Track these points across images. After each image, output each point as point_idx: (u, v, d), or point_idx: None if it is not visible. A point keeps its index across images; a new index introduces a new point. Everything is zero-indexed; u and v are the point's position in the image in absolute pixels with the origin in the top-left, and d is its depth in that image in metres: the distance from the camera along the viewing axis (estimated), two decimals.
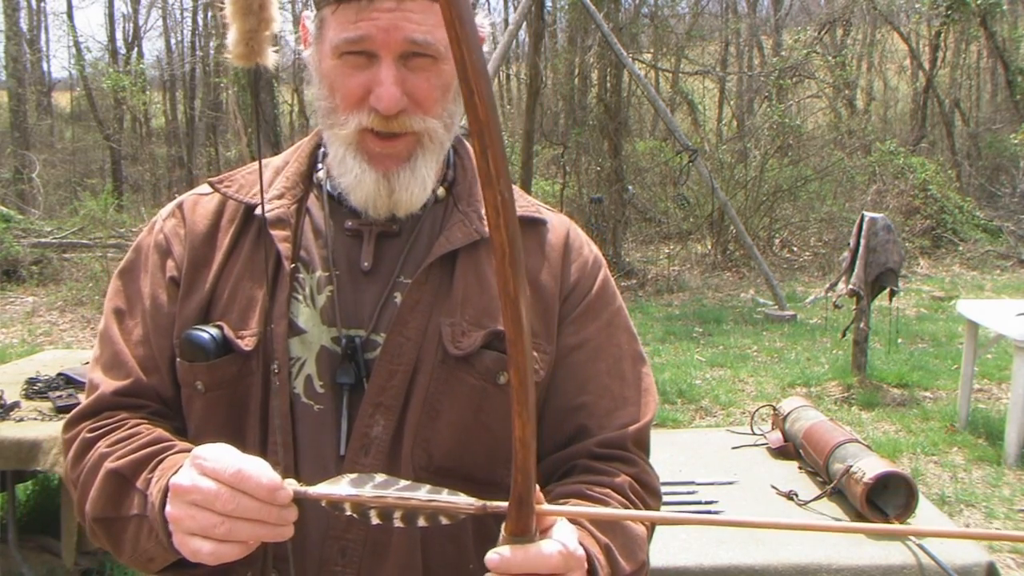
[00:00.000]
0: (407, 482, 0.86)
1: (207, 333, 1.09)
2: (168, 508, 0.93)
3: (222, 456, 0.91)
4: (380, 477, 0.86)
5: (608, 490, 1.10)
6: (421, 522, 0.84)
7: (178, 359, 1.12)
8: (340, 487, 0.85)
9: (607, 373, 1.18)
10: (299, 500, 0.88)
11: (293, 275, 1.12)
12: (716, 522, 0.73)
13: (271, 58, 0.79)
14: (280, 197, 1.15)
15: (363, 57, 1.05)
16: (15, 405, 3.21)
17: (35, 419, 3.11)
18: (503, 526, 0.83)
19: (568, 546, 0.86)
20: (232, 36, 0.79)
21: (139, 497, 1.02)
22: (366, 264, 1.13)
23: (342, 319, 1.11)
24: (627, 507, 1.11)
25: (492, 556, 0.82)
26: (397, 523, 0.84)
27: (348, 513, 0.85)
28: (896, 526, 1.58)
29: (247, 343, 1.09)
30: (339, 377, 1.09)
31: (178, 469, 0.95)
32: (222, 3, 0.84)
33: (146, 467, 1.03)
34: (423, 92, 1.07)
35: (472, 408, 1.10)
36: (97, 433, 1.10)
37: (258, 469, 0.89)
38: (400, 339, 1.09)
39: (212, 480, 0.89)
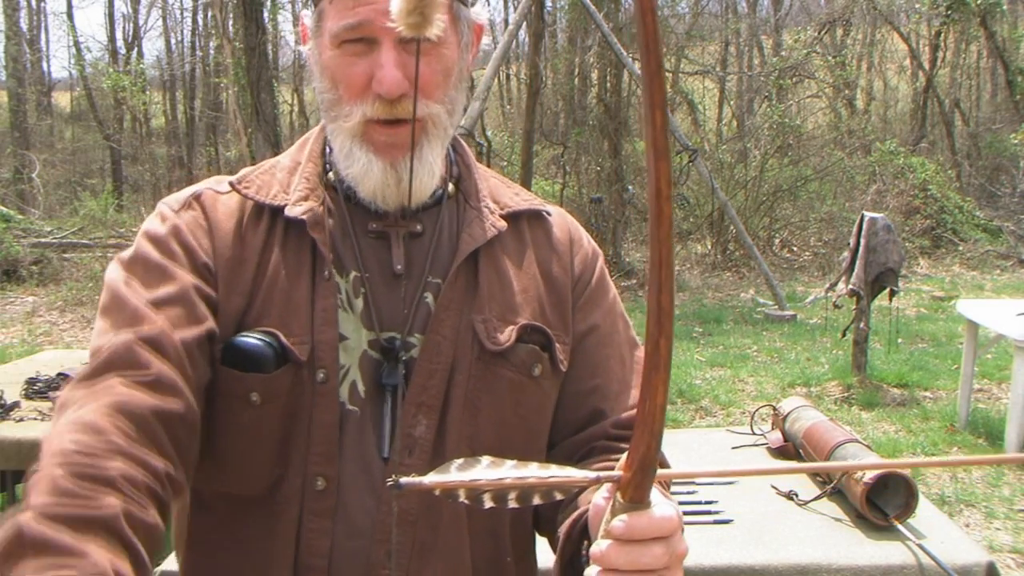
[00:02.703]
0: (512, 461, 0.84)
1: (262, 341, 1.03)
2: None
3: None
4: (486, 459, 0.84)
5: None
6: (536, 500, 0.82)
7: (225, 367, 1.03)
8: (451, 475, 0.82)
9: (612, 357, 1.20)
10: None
11: (332, 280, 1.09)
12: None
13: (438, 27, 0.76)
14: (306, 199, 1.11)
15: (362, 44, 1.04)
16: (15, 405, 3.21)
17: (35, 419, 3.10)
18: (618, 494, 0.81)
19: (677, 508, 0.86)
20: (402, 4, 0.74)
21: None
22: (399, 267, 1.11)
23: (378, 322, 1.10)
24: None
25: (617, 524, 0.80)
26: (512, 504, 0.82)
27: (462, 500, 0.82)
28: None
29: (301, 352, 1.05)
30: (385, 379, 1.08)
31: None
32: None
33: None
34: (424, 77, 1.05)
35: (511, 402, 1.11)
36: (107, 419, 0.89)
37: None
38: (437, 338, 1.09)
39: None
